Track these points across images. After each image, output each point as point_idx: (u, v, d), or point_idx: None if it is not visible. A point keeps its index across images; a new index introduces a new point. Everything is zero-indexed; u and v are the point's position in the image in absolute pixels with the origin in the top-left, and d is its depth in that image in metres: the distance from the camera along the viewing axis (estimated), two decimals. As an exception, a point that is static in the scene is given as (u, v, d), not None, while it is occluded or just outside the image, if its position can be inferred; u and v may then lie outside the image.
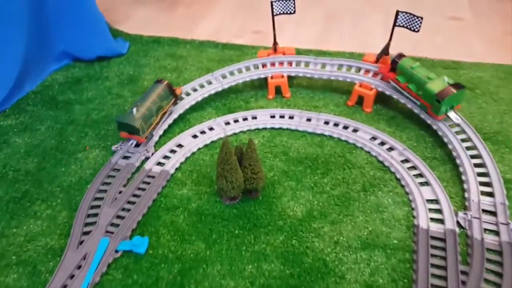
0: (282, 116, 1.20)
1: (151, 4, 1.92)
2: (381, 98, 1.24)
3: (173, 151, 1.08)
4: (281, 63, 1.30)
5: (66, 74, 1.43)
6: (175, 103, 1.18)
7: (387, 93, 1.18)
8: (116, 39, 1.58)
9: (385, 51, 1.23)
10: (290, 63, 1.30)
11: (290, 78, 1.29)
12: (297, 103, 1.26)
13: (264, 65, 1.31)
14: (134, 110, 1.03)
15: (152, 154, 1.07)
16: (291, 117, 1.19)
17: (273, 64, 1.31)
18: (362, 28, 1.67)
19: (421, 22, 1.13)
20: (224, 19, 1.78)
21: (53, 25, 1.40)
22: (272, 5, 1.22)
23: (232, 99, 1.29)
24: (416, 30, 1.14)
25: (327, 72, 1.26)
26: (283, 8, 1.25)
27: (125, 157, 1.06)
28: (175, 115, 1.18)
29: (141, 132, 1.04)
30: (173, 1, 1.94)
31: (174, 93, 1.17)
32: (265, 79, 1.28)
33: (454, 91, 1.02)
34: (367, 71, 1.24)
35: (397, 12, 1.15)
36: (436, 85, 1.04)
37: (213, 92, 1.24)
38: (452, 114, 1.07)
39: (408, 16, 1.14)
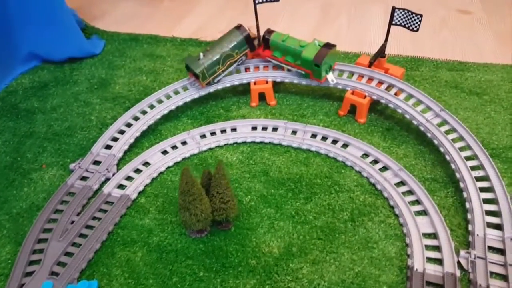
0: (264, 128, 1.05)
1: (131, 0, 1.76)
2: (376, 106, 1.09)
3: (138, 171, 0.95)
4: (266, 67, 1.15)
5: (33, 77, 1.29)
6: (251, 51, 1.13)
7: (383, 101, 1.02)
8: (91, 38, 1.43)
9: (381, 52, 1.07)
10: (275, 67, 1.14)
11: (276, 83, 1.14)
12: (283, 112, 1.11)
13: (247, 69, 1.16)
14: (201, 55, 1.05)
15: (114, 174, 0.93)
16: (275, 129, 1.05)
17: (257, 68, 1.16)
18: (360, 22, 1.50)
19: (420, 21, 0.96)
20: (211, 13, 1.61)
21: (18, 24, 1.25)
22: (252, -9, 1.07)
23: (211, 106, 1.14)
24: (415, 29, 0.98)
25: (316, 77, 1.11)
26: None
27: (83, 178, 0.93)
28: (144, 126, 1.04)
29: (202, 79, 1.06)
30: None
31: (252, 44, 1.11)
32: (248, 84, 1.14)
33: (328, 52, 1.01)
34: (361, 76, 1.08)
35: (393, 9, 0.99)
36: (310, 52, 1.02)
37: (188, 99, 1.10)
38: (329, 76, 1.07)
39: (405, 14, 0.98)
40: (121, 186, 0.91)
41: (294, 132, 1.03)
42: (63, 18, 1.30)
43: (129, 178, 0.93)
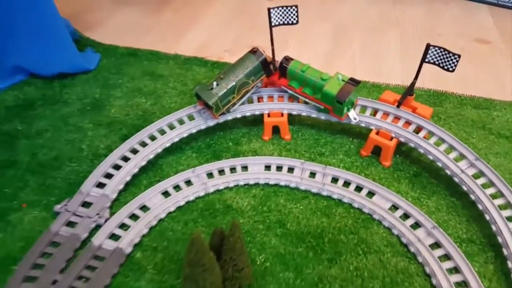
0: (279, 167, 0.93)
1: (133, 6, 1.62)
2: (401, 147, 0.98)
3: (134, 217, 0.81)
4: (281, 97, 1.03)
5: (17, 94, 1.13)
6: (268, 76, 1.01)
7: (411, 145, 0.91)
8: (85, 51, 1.28)
9: (410, 91, 0.96)
10: (291, 98, 1.02)
11: (291, 115, 1.02)
12: (298, 148, 0.99)
13: (260, 98, 1.04)
14: (214, 84, 0.92)
15: (106, 220, 0.79)
16: (290, 169, 0.92)
17: (271, 98, 1.03)
18: (375, 47, 1.39)
19: (457, 61, 0.86)
20: (216, 27, 1.49)
21: (2, 33, 1.10)
22: (269, 13, 0.95)
23: (219, 138, 1.01)
24: (450, 69, 0.87)
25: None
26: (283, 17, 0.97)
27: (70, 224, 0.79)
28: (143, 162, 0.90)
29: (215, 110, 0.93)
30: (159, 3, 1.64)
31: (268, 68, 0.99)
32: (260, 115, 1.01)
33: (353, 88, 0.91)
34: (386, 114, 0.97)
35: (428, 46, 0.88)
36: (333, 86, 0.92)
37: (194, 131, 0.96)
38: (351, 114, 0.95)
39: (441, 52, 0.87)
40: (114, 236, 0.77)
41: (312, 174, 0.91)
42: (54, 28, 1.15)
43: (123, 226, 0.79)
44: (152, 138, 0.95)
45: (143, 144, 0.93)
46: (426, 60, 0.90)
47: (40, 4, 1.11)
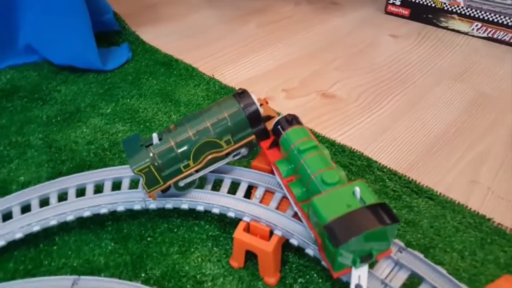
0: None
1: (218, 9, 1.31)
2: None
3: None
4: (285, 201, 0.53)
5: (10, 78, 0.92)
6: (259, 138, 0.57)
7: None
8: (119, 46, 1.03)
9: None
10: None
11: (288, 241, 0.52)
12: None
13: (253, 188, 0.56)
14: (155, 138, 0.53)
15: None
16: None
17: (268, 195, 0.55)
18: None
19: None
20: (291, 58, 1.04)
21: (20, 13, 0.91)
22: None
23: (166, 228, 0.59)
24: None
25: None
26: None
27: None
28: (18, 234, 0.55)
29: (146, 183, 0.52)
30: (253, 11, 1.30)
31: (261, 129, 0.56)
32: (237, 221, 0.54)
33: (369, 227, 0.39)
34: None
35: None
36: (332, 203, 0.41)
37: (119, 208, 0.56)
38: (357, 274, 0.40)
39: None
40: None
41: None
42: (73, 13, 0.89)
43: None
44: (44, 202, 0.58)
45: (39, 204, 0.58)
46: None
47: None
